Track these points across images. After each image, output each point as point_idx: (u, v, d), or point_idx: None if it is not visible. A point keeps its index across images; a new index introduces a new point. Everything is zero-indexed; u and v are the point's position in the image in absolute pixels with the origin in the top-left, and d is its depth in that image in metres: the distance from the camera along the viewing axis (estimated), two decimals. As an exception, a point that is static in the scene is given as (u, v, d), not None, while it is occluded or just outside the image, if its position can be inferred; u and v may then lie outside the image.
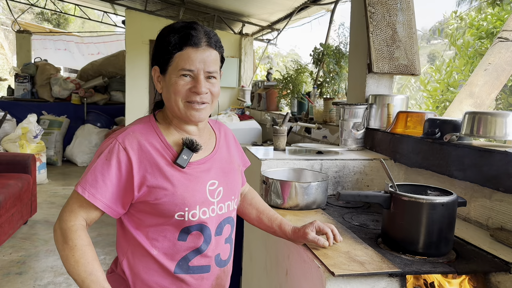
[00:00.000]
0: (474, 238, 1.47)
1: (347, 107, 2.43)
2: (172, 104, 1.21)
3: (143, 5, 7.05)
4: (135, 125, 1.25)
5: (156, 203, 1.18)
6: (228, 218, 1.32)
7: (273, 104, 4.97)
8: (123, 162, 1.17)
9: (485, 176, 1.51)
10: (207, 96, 1.21)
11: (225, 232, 1.31)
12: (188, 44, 1.17)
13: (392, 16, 2.49)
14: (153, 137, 1.23)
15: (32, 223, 4.61)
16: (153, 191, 1.17)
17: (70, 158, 7.93)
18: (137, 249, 1.23)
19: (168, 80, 1.20)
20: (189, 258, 1.23)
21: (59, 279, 3.31)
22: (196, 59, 1.17)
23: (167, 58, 1.19)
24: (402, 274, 1.18)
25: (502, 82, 3.08)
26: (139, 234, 1.22)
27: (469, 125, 1.65)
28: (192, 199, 1.20)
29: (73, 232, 1.15)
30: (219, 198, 1.27)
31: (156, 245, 1.21)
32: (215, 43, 1.22)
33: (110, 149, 1.18)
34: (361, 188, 2.11)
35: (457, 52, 5.12)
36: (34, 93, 8.50)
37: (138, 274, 1.24)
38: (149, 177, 1.17)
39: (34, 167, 4.63)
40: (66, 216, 1.17)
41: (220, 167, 1.31)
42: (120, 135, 1.20)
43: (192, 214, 1.21)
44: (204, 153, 1.28)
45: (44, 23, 16.59)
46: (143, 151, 1.19)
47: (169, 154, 1.22)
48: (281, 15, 6.28)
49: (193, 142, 1.23)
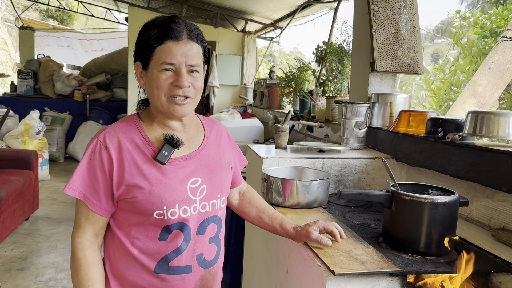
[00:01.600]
0: (476, 238, 1.46)
1: (349, 105, 2.42)
2: (155, 99, 1.20)
3: (146, 2, 7.05)
4: (117, 123, 1.25)
5: (134, 202, 1.17)
6: (214, 217, 1.28)
7: (275, 102, 4.96)
8: (105, 161, 1.17)
9: (487, 176, 1.50)
10: (190, 90, 1.19)
11: (209, 231, 1.27)
12: (169, 38, 1.15)
13: (396, 14, 2.48)
14: (134, 133, 1.22)
15: (34, 219, 4.63)
16: (130, 189, 1.17)
17: (72, 154, 7.95)
18: (120, 249, 1.23)
19: (150, 75, 1.19)
20: (169, 258, 1.21)
21: (61, 275, 3.32)
22: (177, 52, 1.16)
23: (148, 53, 1.18)
24: (402, 274, 1.17)
25: (506, 81, 3.07)
26: (121, 233, 1.22)
27: (471, 125, 1.64)
28: (170, 197, 1.18)
29: (79, 250, 1.18)
30: (202, 196, 1.24)
31: (137, 244, 1.21)
32: (196, 36, 1.20)
33: (92, 149, 1.19)
34: (362, 187, 2.11)
35: (461, 51, 5.10)
36: (37, 90, 8.51)
37: (120, 275, 1.23)
38: (126, 176, 1.17)
39: (36, 163, 4.64)
40: (75, 231, 1.21)
41: (205, 165, 1.28)
42: (101, 134, 1.21)
43: (171, 213, 1.19)
44: (189, 149, 1.27)
45: (49, 20, 16.62)
46: (123, 149, 1.18)
47: (149, 150, 1.20)
48: (284, 13, 6.27)
49: (173, 138, 1.21)
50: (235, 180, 1.47)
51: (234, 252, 2.84)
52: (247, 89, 6.56)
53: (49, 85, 8.46)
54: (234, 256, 2.83)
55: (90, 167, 1.18)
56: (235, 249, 2.84)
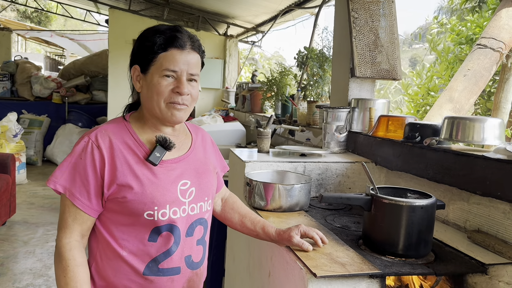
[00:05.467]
0: (452, 240, 1.50)
1: (330, 110, 2.46)
2: (153, 105, 1.22)
3: (127, 5, 6.99)
4: (107, 124, 1.27)
5: (125, 201, 1.18)
6: (201, 219, 1.31)
7: (257, 106, 4.98)
8: (97, 160, 1.18)
9: (463, 180, 1.55)
10: (187, 98, 1.23)
11: (196, 233, 1.30)
12: (174, 46, 1.20)
13: (375, 21, 2.54)
14: (125, 135, 1.24)
15: (10, 224, 4.53)
16: (122, 189, 1.18)
17: (50, 158, 7.80)
18: (106, 250, 1.22)
19: (149, 79, 1.22)
20: (159, 260, 1.22)
21: (39, 281, 3.26)
22: (180, 61, 1.20)
23: (150, 58, 1.21)
24: (382, 275, 1.20)
25: (481, 87, 3.15)
26: (108, 234, 1.22)
27: (448, 130, 1.69)
28: (162, 198, 1.20)
29: (68, 251, 1.17)
30: (190, 199, 1.27)
31: (126, 245, 1.21)
32: (198, 47, 1.26)
33: (83, 148, 1.19)
34: (343, 191, 2.14)
35: (438, 57, 5.22)
36: (14, 92, 8.35)
37: (106, 277, 1.23)
38: (118, 175, 1.18)
39: (14, 167, 4.55)
40: (61, 232, 1.19)
41: (194, 168, 1.31)
42: (93, 133, 1.21)
43: (162, 214, 1.20)
44: (178, 153, 1.29)
45: (26, 20, 16.30)
46: (115, 148, 1.20)
47: (141, 152, 1.22)
48: (266, 18, 6.31)
49: (166, 140, 1.24)
50: (218, 185, 1.48)
51: (216, 255, 2.84)
52: (229, 92, 6.56)
53: (27, 87, 8.30)
54: (215, 259, 2.83)
55: (80, 166, 1.18)
56: (217, 252, 2.84)
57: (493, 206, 1.46)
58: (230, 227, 1.54)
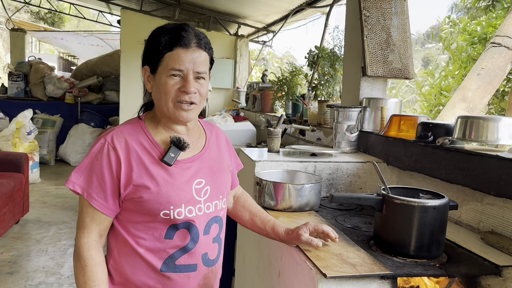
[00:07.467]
0: (465, 241, 1.48)
1: (341, 109, 2.44)
2: (162, 104, 1.23)
3: (138, 5, 7.03)
4: (123, 125, 1.29)
5: (141, 201, 1.20)
6: (216, 217, 1.32)
7: (268, 105, 4.97)
8: (113, 161, 1.20)
9: (476, 180, 1.53)
10: (195, 96, 1.23)
11: (212, 231, 1.31)
12: (178, 45, 1.20)
13: (387, 20, 2.51)
14: (141, 135, 1.25)
15: (24, 223, 4.59)
16: (138, 189, 1.19)
17: (63, 157, 7.89)
18: (124, 247, 1.24)
19: (158, 79, 1.23)
20: (175, 256, 1.24)
21: (51, 279, 3.30)
22: (185, 59, 1.20)
23: (157, 58, 1.22)
24: (393, 277, 1.19)
25: (495, 87, 3.11)
26: (126, 232, 1.24)
27: (461, 129, 1.66)
28: (177, 197, 1.21)
29: (86, 250, 1.20)
30: (206, 197, 1.28)
31: (143, 243, 1.23)
32: (204, 45, 1.25)
33: (99, 149, 1.21)
34: (354, 191, 2.12)
35: (451, 56, 5.16)
36: (27, 92, 8.45)
37: (124, 274, 1.25)
38: (134, 176, 1.20)
39: (27, 166, 4.61)
40: (80, 232, 1.22)
41: (208, 167, 1.32)
42: (109, 135, 1.23)
43: (178, 213, 1.22)
44: (192, 152, 1.30)
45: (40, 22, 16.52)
46: (130, 150, 1.21)
47: (156, 152, 1.24)
48: (276, 17, 6.30)
49: (180, 140, 1.24)
50: (232, 183, 1.49)
51: (226, 255, 2.84)
52: (239, 92, 6.56)
53: (40, 87, 8.40)
54: (226, 259, 2.83)
55: (96, 167, 1.20)
56: (227, 252, 2.84)
57: (507, 207, 1.44)
58: (241, 224, 1.55)
